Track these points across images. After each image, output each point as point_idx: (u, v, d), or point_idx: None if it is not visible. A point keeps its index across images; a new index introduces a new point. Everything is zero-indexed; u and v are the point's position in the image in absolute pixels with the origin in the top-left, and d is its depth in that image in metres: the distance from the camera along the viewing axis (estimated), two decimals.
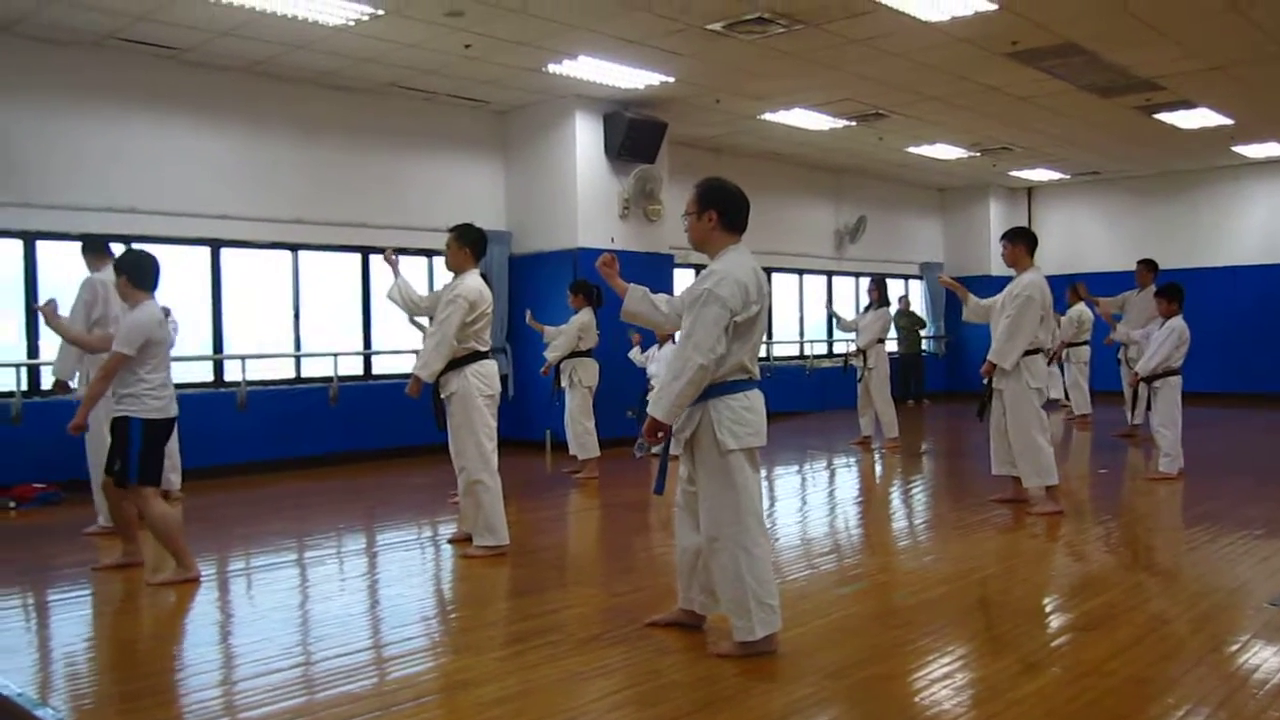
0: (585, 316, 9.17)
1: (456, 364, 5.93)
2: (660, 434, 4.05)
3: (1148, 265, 11.53)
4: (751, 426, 4.06)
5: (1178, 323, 8.43)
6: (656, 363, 9.54)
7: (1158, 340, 8.50)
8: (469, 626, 4.90)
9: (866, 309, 11.44)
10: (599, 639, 4.42)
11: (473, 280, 6.05)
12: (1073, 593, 5.30)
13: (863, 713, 3.63)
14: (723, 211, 4.17)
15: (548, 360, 9.38)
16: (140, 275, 5.60)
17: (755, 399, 4.12)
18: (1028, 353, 7.01)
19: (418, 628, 4.81)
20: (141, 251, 5.81)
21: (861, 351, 11.15)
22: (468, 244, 6.13)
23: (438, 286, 11.33)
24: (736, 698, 3.70)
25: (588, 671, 4.05)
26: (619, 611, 4.82)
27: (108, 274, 7.14)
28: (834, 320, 11.83)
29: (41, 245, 8.74)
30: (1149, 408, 8.69)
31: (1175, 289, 8.63)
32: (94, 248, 7.31)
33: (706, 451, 4.07)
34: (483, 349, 6.04)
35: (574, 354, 9.21)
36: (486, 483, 5.99)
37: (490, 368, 6.09)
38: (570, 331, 9.17)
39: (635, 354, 9.87)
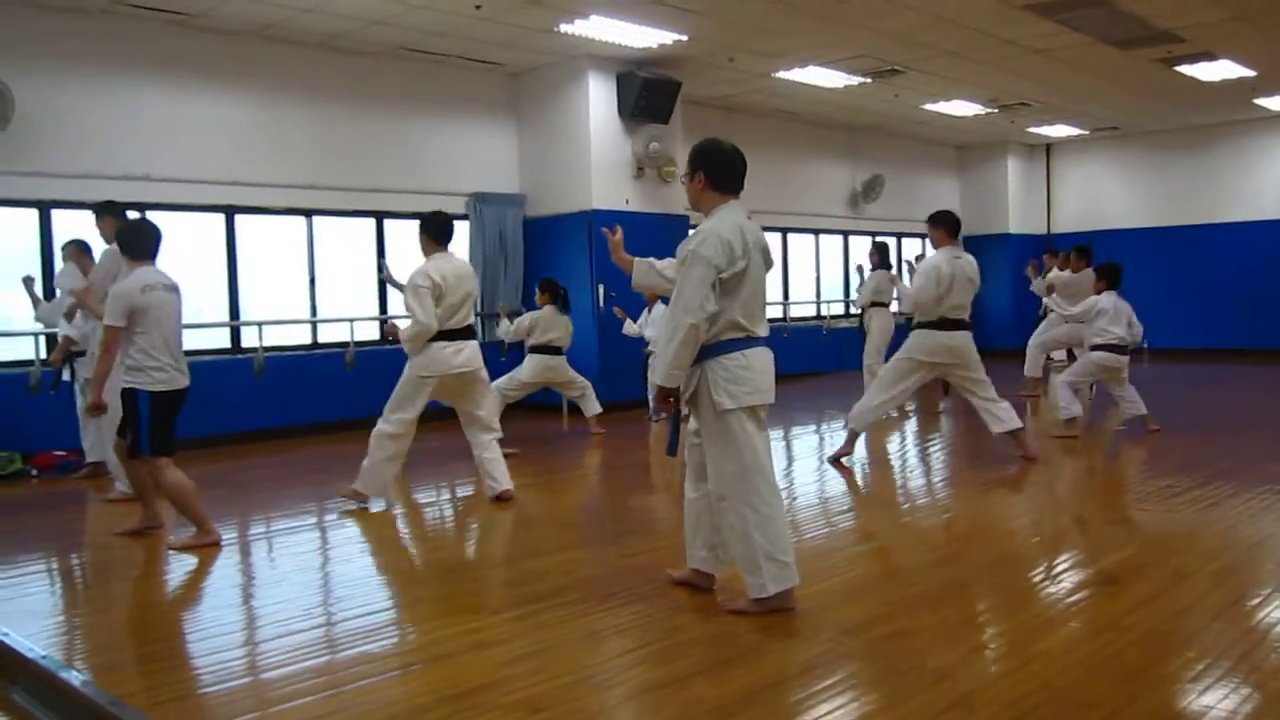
0: (547, 314, 9.21)
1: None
2: (670, 399, 4.07)
3: (1080, 253, 11.55)
4: (749, 385, 4.03)
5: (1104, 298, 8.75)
6: (652, 325, 9.53)
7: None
8: (486, 586, 4.93)
9: (871, 271, 11.43)
10: (615, 597, 4.44)
11: (433, 263, 6.23)
12: (1091, 548, 5.29)
13: (880, 668, 3.63)
14: (711, 172, 4.15)
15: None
16: (132, 245, 5.60)
17: (755, 356, 4.08)
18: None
19: (435, 588, 4.84)
20: (140, 220, 5.79)
21: (863, 312, 11.24)
22: (425, 231, 6.37)
23: (453, 250, 11.35)
24: (754, 654, 3.71)
25: (604, 630, 4.07)
26: (635, 571, 4.84)
27: None
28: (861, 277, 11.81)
29: (56, 214, 8.75)
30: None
31: (1109, 268, 8.93)
32: (111, 213, 7.10)
33: (705, 412, 4.08)
34: (447, 328, 6.21)
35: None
36: (386, 440, 6.30)
37: (439, 353, 6.21)
38: (521, 323, 9.24)
39: (629, 327, 9.87)
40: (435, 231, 6.37)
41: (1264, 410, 10.68)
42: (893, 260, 12.34)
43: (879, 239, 11.91)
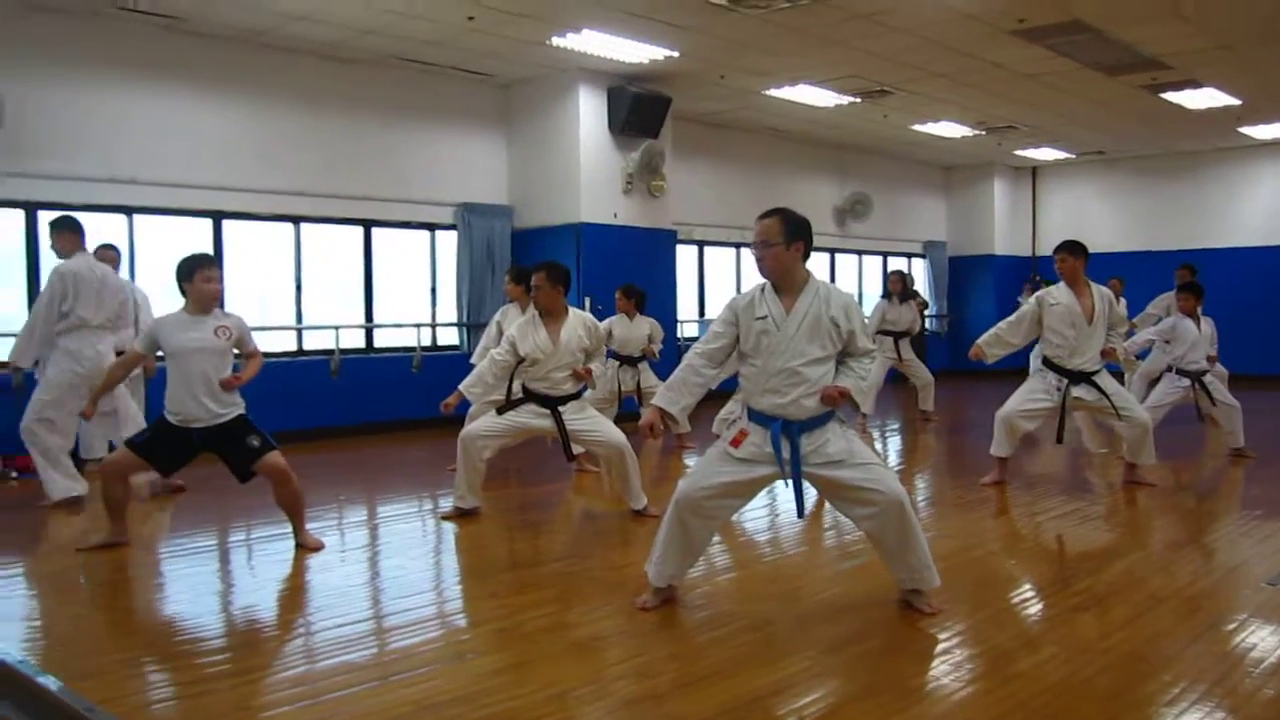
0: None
1: None
2: None
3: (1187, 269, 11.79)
4: None
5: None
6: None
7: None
8: (468, 598, 4.92)
9: None
10: (597, 611, 4.44)
11: None
12: (1071, 570, 5.31)
13: (859, 686, 3.64)
14: None
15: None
16: None
17: None
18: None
19: (417, 599, 4.82)
20: None
21: None
22: None
23: (440, 261, 11.38)
24: (734, 670, 3.71)
25: (585, 643, 4.06)
26: (617, 585, 4.84)
27: (78, 261, 6.97)
28: None
29: (43, 215, 8.70)
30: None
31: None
32: (66, 227, 7.02)
33: None
34: None
35: None
36: None
37: None
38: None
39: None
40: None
41: (1245, 436, 10.71)
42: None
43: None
